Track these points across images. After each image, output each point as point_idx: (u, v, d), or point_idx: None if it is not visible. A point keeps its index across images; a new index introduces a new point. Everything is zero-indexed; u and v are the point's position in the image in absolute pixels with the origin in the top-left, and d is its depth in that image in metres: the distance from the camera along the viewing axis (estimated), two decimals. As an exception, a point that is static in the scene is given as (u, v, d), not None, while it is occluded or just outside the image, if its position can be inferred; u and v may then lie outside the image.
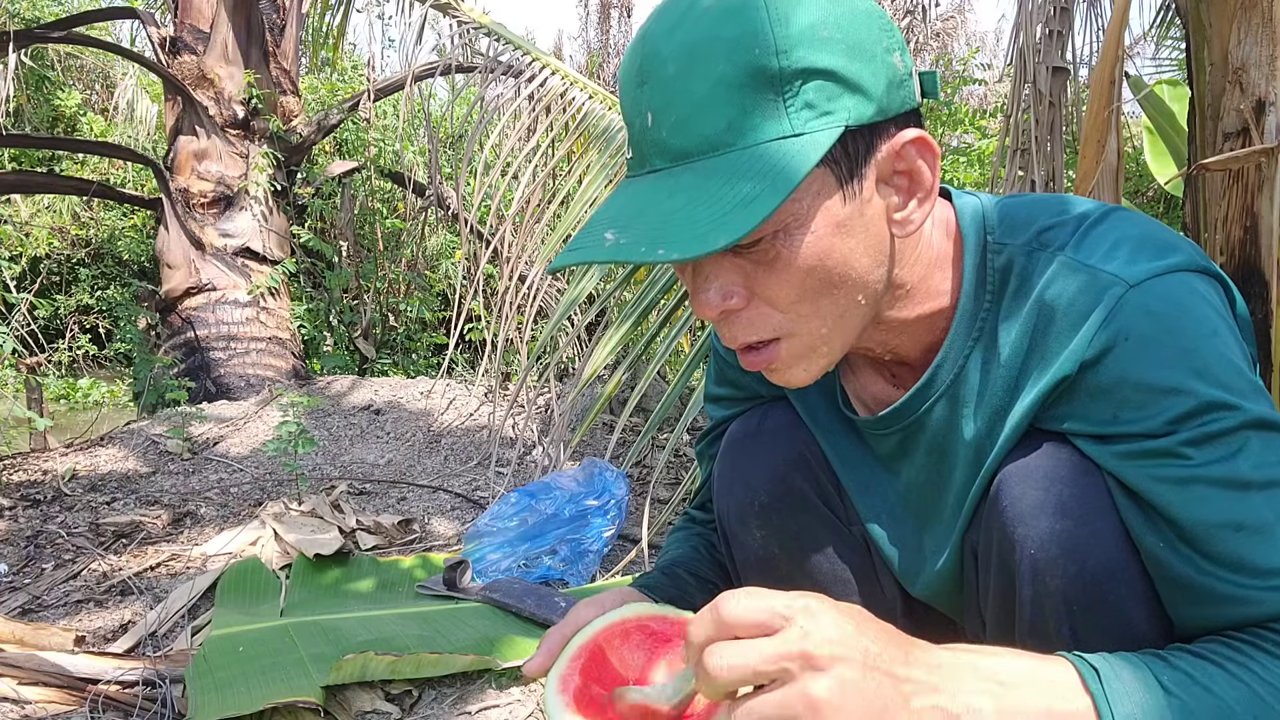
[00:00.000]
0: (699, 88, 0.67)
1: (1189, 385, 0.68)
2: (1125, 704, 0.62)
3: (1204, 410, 0.68)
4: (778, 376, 0.78)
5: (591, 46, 13.93)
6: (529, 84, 3.42)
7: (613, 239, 0.67)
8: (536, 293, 3.08)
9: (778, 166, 0.65)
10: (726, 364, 1.05)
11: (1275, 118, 1.57)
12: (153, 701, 1.57)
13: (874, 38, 0.70)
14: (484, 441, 3.65)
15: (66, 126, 8.86)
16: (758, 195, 0.64)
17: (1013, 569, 0.77)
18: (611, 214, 0.71)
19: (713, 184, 0.66)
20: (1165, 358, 0.69)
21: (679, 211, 0.66)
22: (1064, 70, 2.13)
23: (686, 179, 0.68)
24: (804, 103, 0.67)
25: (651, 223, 0.67)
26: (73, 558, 2.43)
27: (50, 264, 8.17)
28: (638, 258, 0.65)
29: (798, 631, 0.58)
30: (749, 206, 0.64)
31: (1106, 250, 0.74)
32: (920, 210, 0.73)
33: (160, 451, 3.62)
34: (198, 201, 5.00)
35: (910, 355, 0.84)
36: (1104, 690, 0.63)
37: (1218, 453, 0.68)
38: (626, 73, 0.73)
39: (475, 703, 1.62)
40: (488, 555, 2.20)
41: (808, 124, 0.67)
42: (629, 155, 0.74)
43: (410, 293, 7.03)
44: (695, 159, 0.68)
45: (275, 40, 5.36)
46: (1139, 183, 5.52)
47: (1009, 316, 0.78)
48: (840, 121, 0.68)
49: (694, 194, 0.66)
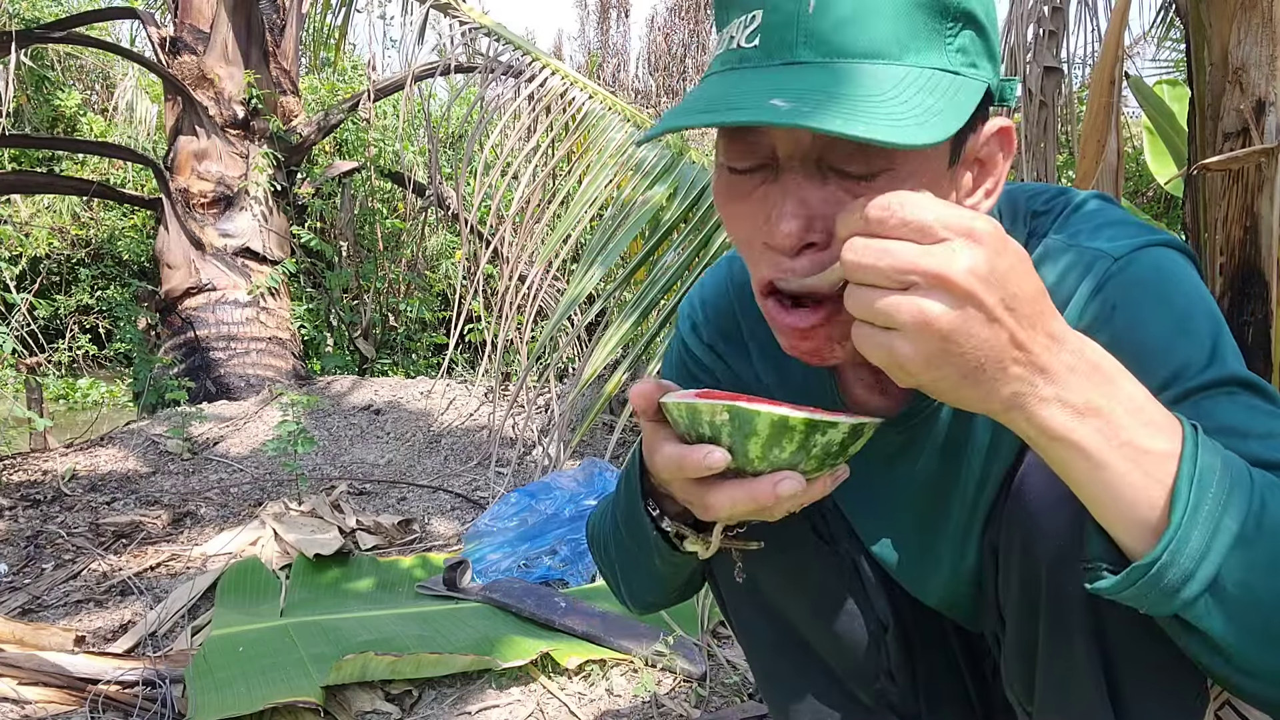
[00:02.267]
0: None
1: (1176, 345, 0.69)
2: (1210, 454, 0.60)
3: (1191, 365, 0.69)
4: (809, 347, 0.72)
5: (591, 46, 13.93)
6: (529, 84, 3.42)
7: (788, 105, 0.59)
8: (536, 293, 3.08)
9: (949, 92, 0.63)
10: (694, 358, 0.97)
11: (1275, 118, 1.57)
12: (153, 701, 1.57)
13: (995, 21, 0.69)
14: (484, 441, 3.65)
15: (66, 126, 8.85)
16: (943, 110, 0.62)
17: (1038, 564, 0.75)
18: (760, 88, 0.62)
19: (887, 83, 0.62)
20: (1153, 322, 0.70)
21: (860, 98, 0.60)
22: (1057, 70, 2.13)
23: (854, 74, 0.62)
24: (960, 46, 0.65)
25: (839, 101, 0.60)
26: (73, 558, 2.43)
27: (50, 264, 8.17)
28: (836, 128, 0.57)
29: (946, 250, 0.54)
30: (939, 116, 0.61)
31: (1091, 230, 0.75)
32: (987, 202, 0.73)
33: (160, 451, 3.62)
34: (198, 201, 5.00)
35: None
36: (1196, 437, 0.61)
37: (1209, 405, 0.68)
38: None
39: (475, 703, 1.62)
40: (488, 555, 2.20)
41: (962, 68, 0.66)
42: (750, 44, 0.65)
43: (410, 293, 7.03)
44: (858, 60, 0.63)
45: (275, 40, 5.36)
46: (1139, 183, 5.52)
47: None
48: (985, 78, 0.67)
49: (869, 87, 0.61)
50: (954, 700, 1.04)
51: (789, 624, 0.99)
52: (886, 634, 0.98)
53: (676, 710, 1.62)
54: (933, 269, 0.54)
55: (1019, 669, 0.81)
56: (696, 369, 0.99)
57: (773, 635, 1.00)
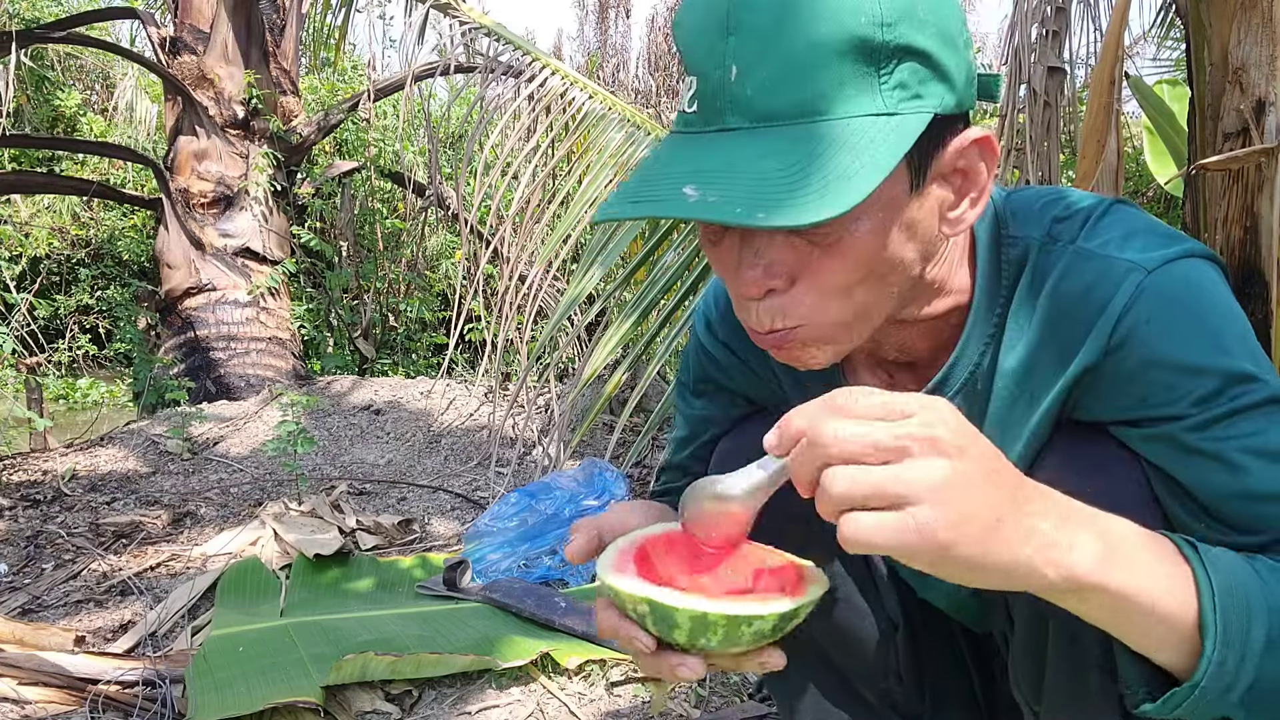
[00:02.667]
0: (796, 47, 0.63)
1: (1214, 364, 0.68)
2: (1221, 573, 0.62)
3: (1231, 386, 0.68)
4: (786, 355, 0.75)
5: (591, 46, 13.93)
6: (529, 84, 3.42)
7: (697, 195, 0.62)
8: (536, 293, 3.08)
9: (873, 145, 0.63)
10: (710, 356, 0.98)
11: (1275, 118, 1.57)
12: (153, 701, 1.57)
13: (957, 28, 0.68)
14: (484, 441, 3.65)
15: (66, 127, 8.85)
16: (858, 171, 0.61)
17: None
18: (683, 168, 0.65)
19: (805, 151, 0.63)
20: (1189, 339, 0.69)
21: (771, 175, 0.62)
22: (1060, 70, 2.13)
23: (775, 143, 0.64)
24: (898, 81, 0.64)
25: (742, 183, 0.62)
26: (73, 558, 2.43)
27: (50, 264, 8.17)
28: (733, 219, 0.60)
29: (920, 420, 0.55)
30: (850, 181, 0.61)
31: (1119, 240, 0.74)
32: (973, 211, 0.72)
33: (160, 451, 3.62)
34: (198, 201, 5.00)
35: (918, 353, 0.83)
36: (1201, 558, 0.63)
37: (1248, 426, 0.68)
38: (704, 17, 0.66)
39: (475, 703, 1.62)
40: (488, 555, 2.20)
41: (899, 105, 0.64)
42: (690, 109, 0.68)
43: (410, 293, 7.03)
44: (783, 123, 0.64)
45: (275, 40, 5.36)
46: (1139, 183, 5.52)
47: (1023, 310, 0.77)
48: (930, 108, 0.66)
49: (785, 158, 0.62)
50: (960, 700, 1.04)
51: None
52: (897, 633, 0.99)
53: (676, 710, 1.62)
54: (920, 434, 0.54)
55: (1027, 669, 0.81)
56: (713, 368, 0.99)
57: None
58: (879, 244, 0.68)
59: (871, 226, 0.67)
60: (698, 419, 1.03)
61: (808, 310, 0.70)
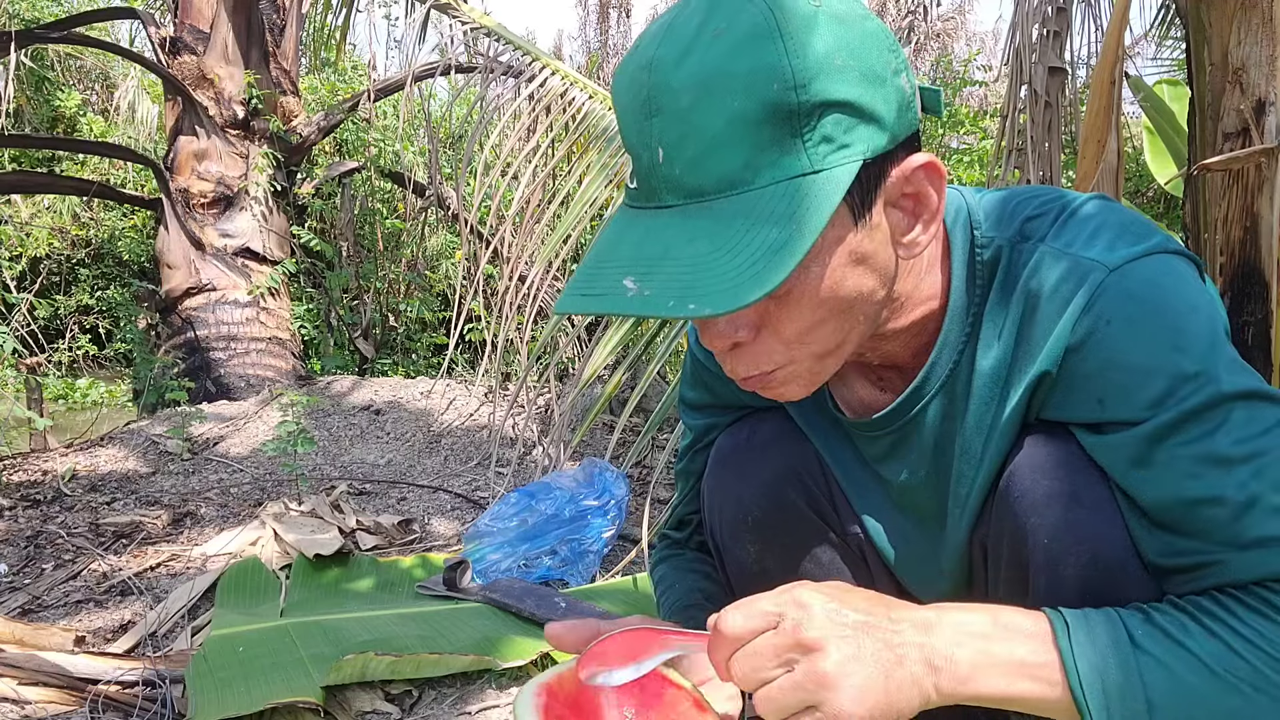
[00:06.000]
0: (714, 123, 0.64)
1: (1168, 364, 0.69)
2: (1090, 657, 0.66)
3: (1182, 387, 0.68)
4: (772, 393, 0.77)
5: (591, 46, 13.94)
6: (529, 84, 3.42)
7: (635, 289, 0.64)
8: (536, 293, 3.08)
9: (801, 207, 0.64)
10: (704, 368, 1.01)
11: (1275, 118, 1.57)
12: (153, 701, 1.57)
13: (883, 61, 0.67)
14: (484, 441, 3.65)
15: (66, 127, 8.86)
16: (785, 241, 0.63)
17: (1025, 561, 0.77)
18: (626, 254, 0.67)
19: (735, 228, 0.64)
20: (1146, 338, 0.70)
21: (703, 259, 0.64)
22: (1061, 70, 2.13)
23: (705, 222, 0.65)
24: (821, 136, 0.65)
25: (676, 272, 0.64)
26: (73, 558, 2.43)
27: (50, 264, 8.17)
28: (667, 312, 0.63)
29: (790, 624, 0.64)
30: (778, 254, 0.62)
31: (1086, 237, 0.74)
32: (926, 233, 0.72)
33: (160, 451, 3.62)
34: (198, 202, 5.00)
35: (901, 359, 0.84)
36: (1071, 644, 0.67)
37: (1197, 430, 0.68)
38: (630, 100, 0.68)
39: (475, 703, 1.62)
40: (488, 555, 2.20)
41: (826, 158, 0.65)
42: (632, 185, 0.70)
43: (410, 293, 7.03)
44: (711, 198, 0.66)
45: (275, 40, 5.36)
46: (1139, 183, 5.52)
47: (997, 310, 0.78)
48: (859, 154, 0.66)
49: (716, 239, 0.64)
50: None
51: None
52: None
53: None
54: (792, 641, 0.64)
55: None
56: (708, 377, 1.02)
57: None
58: (833, 283, 0.69)
59: (821, 270, 0.68)
60: (700, 427, 1.06)
61: (780, 355, 0.73)
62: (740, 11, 0.65)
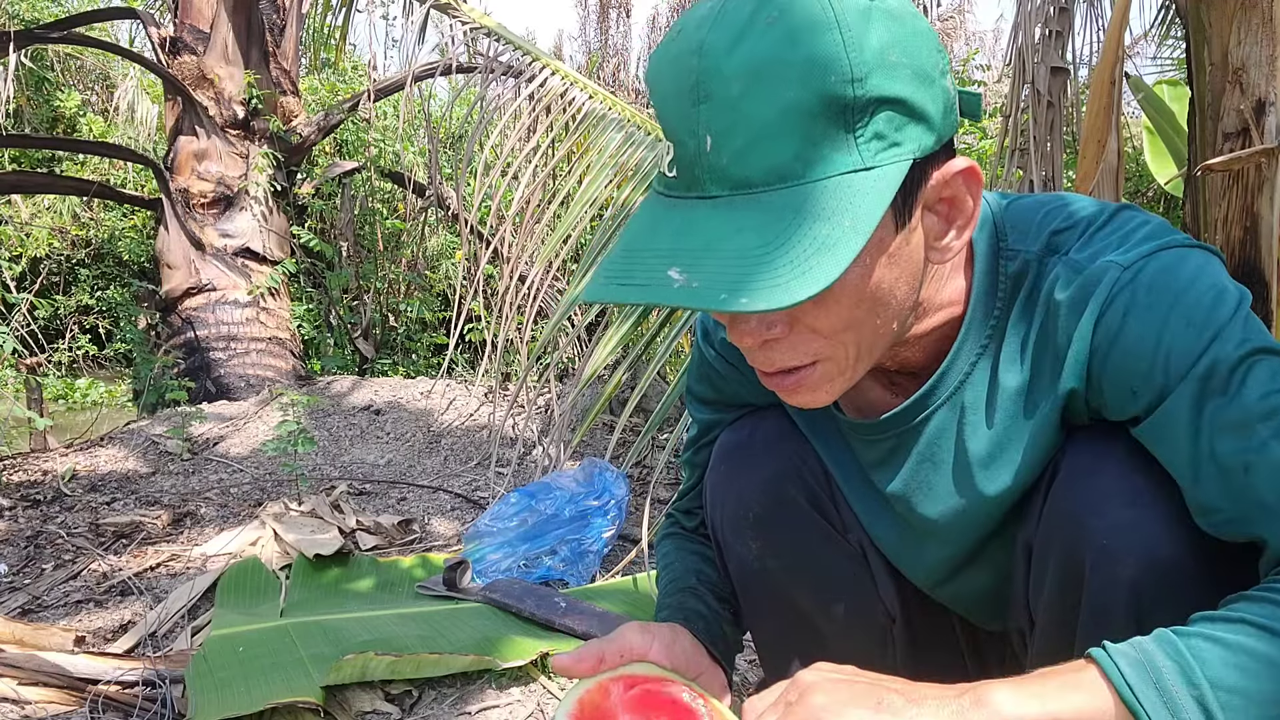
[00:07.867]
0: (766, 113, 0.62)
1: (1182, 338, 0.69)
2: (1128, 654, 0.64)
3: (1199, 356, 0.68)
4: (801, 398, 0.75)
5: (591, 46, 13.94)
6: (529, 84, 3.42)
7: (682, 280, 0.62)
8: (536, 293, 3.08)
9: (852, 205, 0.62)
10: (711, 366, 1.01)
11: (1275, 118, 1.57)
12: (153, 701, 1.57)
13: (932, 60, 0.66)
14: (484, 441, 3.65)
15: (66, 127, 8.86)
16: (838, 240, 0.61)
17: (1080, 560, 0.76)
18: (665, 244, 0.65)
19: (784, 222, 0.62)
20: (1160, 319, 0.70)
21: (751, 253, 0.62)
22: (1063, 70, 2.13)
23: (752, 215, 0.63)
24: (874, 133, 0.63)
25: (723, 264, 0.62)
26: (73, 558, 2.43)
27: (50, 264, 8.17)
28: (718, 306, 0.60)
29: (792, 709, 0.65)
30: (830, 251, 0.61)
31: (1112, 246, 0.74)
32: (960, 239, 0.72)
33: (160, 451, 3.62)
34: (198, 202, 5.00)
35: (917, 364, 0.84)
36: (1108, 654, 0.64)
37: (1217, 398, 0.68)
38: (675, 85, 0.65)
39: (475, 703, 1.62)
40: (488, 555, 2.20)
41: (877, 156, 0.64)
42: (671, 173, 0.67)
43: (410, 293, 7.03)
44: (759, 190, 0.64)
45: (275, 40, 5.35)
46: (1139, 183, 5.52)
47: (1021, 322, 0.78)
48: (909, 154, 0.65)
49: (765, 233, 0.62)
50: None
51: (798, 609, 1.01)
52: (894, 625, 0.99)
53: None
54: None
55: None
56: (715, 376, 1.02)
57: (780, 618, 1.02)
58: (871, 285, 0.69)
59: (861, 270, 0.67)
60: (706, 421, 1.07)
61: (819, 347, 0.71)
62: (796, 0, 0.63)
